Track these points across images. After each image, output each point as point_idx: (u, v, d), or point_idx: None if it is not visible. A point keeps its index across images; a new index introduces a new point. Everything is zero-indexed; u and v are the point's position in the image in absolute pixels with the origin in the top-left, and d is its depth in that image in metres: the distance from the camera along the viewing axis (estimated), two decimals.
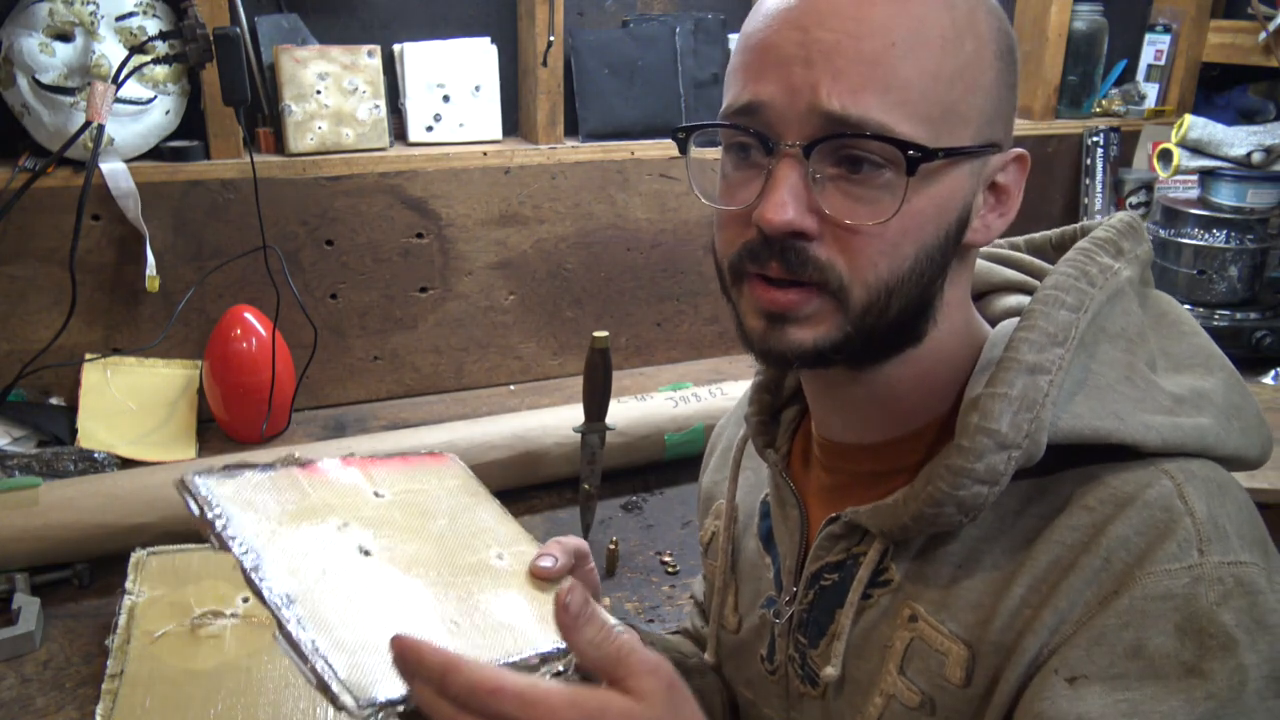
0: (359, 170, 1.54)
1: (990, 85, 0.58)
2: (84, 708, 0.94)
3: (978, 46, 0.57)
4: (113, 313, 1.47)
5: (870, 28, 0.54)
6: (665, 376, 1.76)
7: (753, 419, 0.75)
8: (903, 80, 0.54)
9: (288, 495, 0.60)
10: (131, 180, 1.40)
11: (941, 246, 0.58)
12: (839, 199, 0.56)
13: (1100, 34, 2.05)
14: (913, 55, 0.54)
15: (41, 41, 1.34)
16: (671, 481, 1.42)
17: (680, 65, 1.76)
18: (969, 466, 0.55)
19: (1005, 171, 0.61)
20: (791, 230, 0.55)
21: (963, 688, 0.58)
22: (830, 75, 0.54)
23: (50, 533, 1.11)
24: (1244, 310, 1.73)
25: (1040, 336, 0.57)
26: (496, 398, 1.68)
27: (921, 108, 0.55)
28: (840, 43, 0.54)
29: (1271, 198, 1.71)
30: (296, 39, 1.55)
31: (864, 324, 0.58)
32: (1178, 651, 0.51)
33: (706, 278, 1.83)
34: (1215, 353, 0.65)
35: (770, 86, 0.56)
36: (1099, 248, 0.62)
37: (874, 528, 0.62)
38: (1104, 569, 0.54)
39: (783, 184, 0.55)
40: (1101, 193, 2.05)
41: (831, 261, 0.56)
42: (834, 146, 0.55)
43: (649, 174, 1.73)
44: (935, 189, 0.57)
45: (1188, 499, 0.54)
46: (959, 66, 0.56)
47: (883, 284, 0.57)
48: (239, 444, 1.46)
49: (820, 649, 0.67)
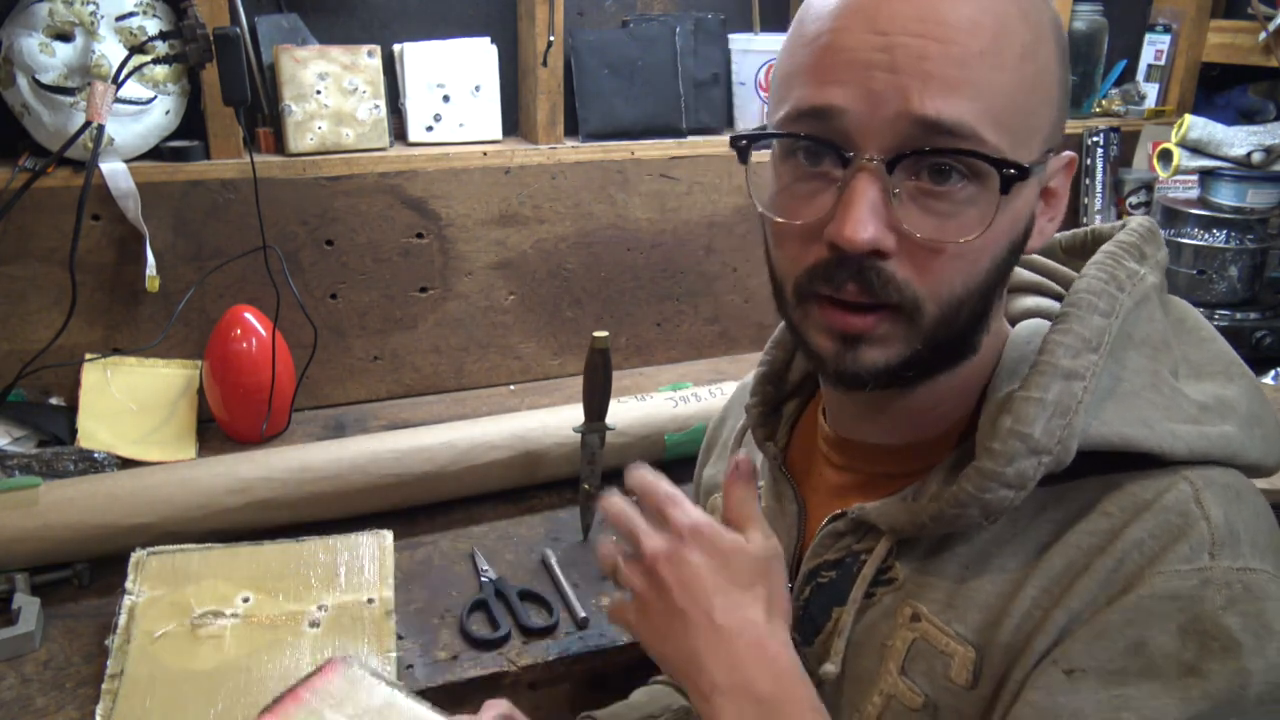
0: (359, 170, 1.54)
1: (1057, 93, 0.57)
2: (84, 708, 0.94)
3: (1049, 54, 0.56)
4: (113, 313, 1.47)
5: (956, 32, 0.51)
6: (665, 376, 1.76)
7: (754, 410, 0.74)
8: (991, 88, 0.52)
9: None
10: (131, 180, 1.40)
11: (1009, 258, 0.58)
12: (919, 215, 0.53)
13: (1100, 34, 2.05)
14: (998, 60, 0.52)
15: (41, 41, 1.34)
16: (672, 481, 1.41)
17: (680, 65, 1.76)
18: (999, 470, 0.55)
19: (1057, 177, 0.61)
20: (878, 246, 0.53)
21: (968, 689, 0.57)
22: (920, 79, 0.51)
23: (50, 533, 1.11)
24: (1244, 310, 1.73)
25: (1075, 341, 0.56)
26: (496, 398, 1.68)
27: (1005, 118, 0.53)
28: (927, 47, 0.51)
29: (1271, 198, 1.71)
30: (296, 39, 1.55)
31: (936, 339, 0.57)
32: (1178, 651, 0.51)
33: (707, 278, 1.83)
34: (1235, 360, 0.65)
35: (847, 91, 0.52)
36: (1125, 252, 0.62)
37: (885, 525, 0.62)
38: (1116, 569, 0.54)
39: (862, 199, 0.52)
40: (1101, 193, 2.05)
41: (908, 280, 0.54)
42: (919, 159, 0.52)
43: (649, 174, 1.73)
44: (1015, 204, 0.55)
45: (1204, 504, 0.54)
46: (1035, 76, 0.54)
47: (957, 299, 0.56)
48: (239, 444, 1.46)
49: (815, 646, 0.67)
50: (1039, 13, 0.56)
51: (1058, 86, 0.57)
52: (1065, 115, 0.59)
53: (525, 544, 1.25)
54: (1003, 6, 0.53)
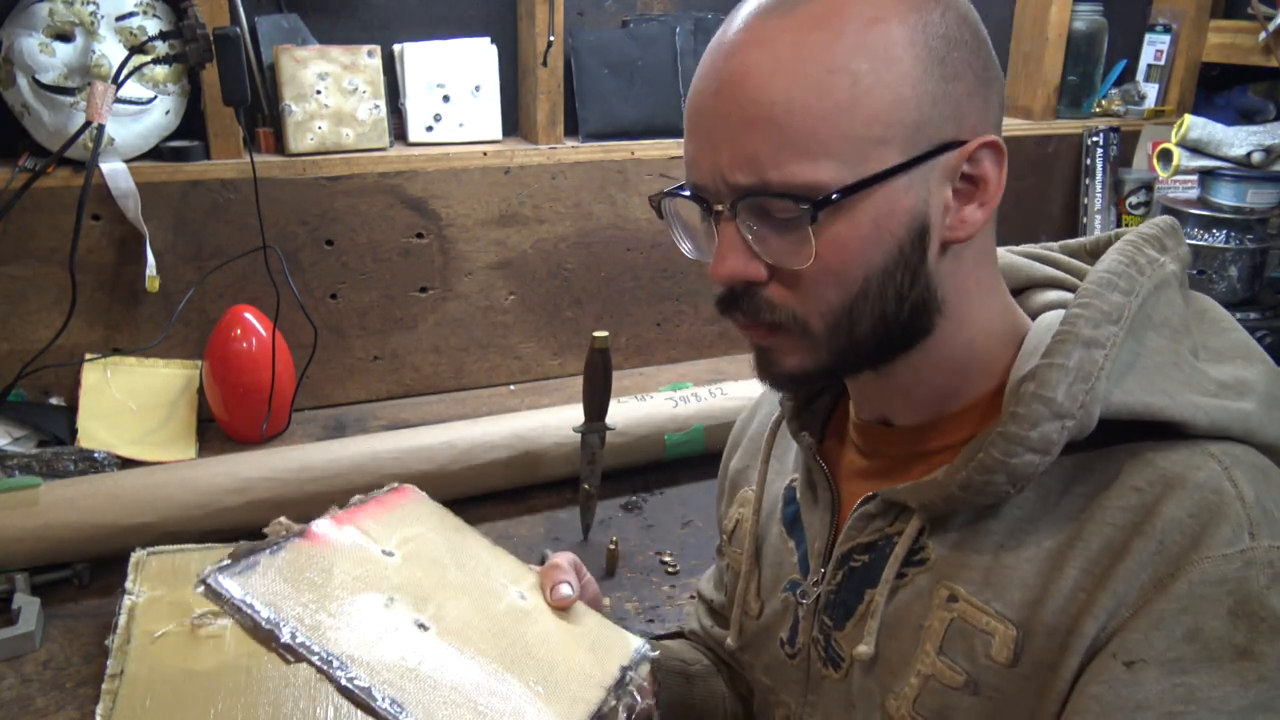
0: (359, 170, 1.54)
1: (913, 94, 0.57)
2: (84, 708, 0.94)
3: (876, 65, 0.56)
4: (113, 313, 1.47)
5: (749, 95, 0.57)
6: (665, 376, 1.76)
7: (787, 404, 0.76)
8: (791, 135, 0.56)
9: (312, 575, 0.62)
10: (131, 180, 1.40)
11: (899, 260, 0.59)
12: (775, 247, 0.59)
13: (1100, 34, 2.05)
14: (795, 108, 0.56)
15: (41, 41, 1.34)
16: (671, 481, 1.42)
17: (680, 65, 1.76)
18: (1023, 434, 0.56)
19: (973, 163, 0.60)
20: (739, 279, 0.60)
21: (1009, 667, 0.58)
22: (728, 151, 0.58)
23: (50, 533, 1.11)
24: (1244, 310, 1.73)
25: (1095, 314, 0.58)
26: (496, 398, 1.68)
27: (819, 149, 0.56)
28: (730, 115, 0.58)
29: (1271, 198, 1.71)
30: (296, 39, 1.55)
31: (835, 346, 0.61)
32: (1230, 634, 0.52)
33: (707, 277, 1.83)
34: (1255, 347, 0.66)
35: (695, 155, 0.61)
36: (1146, 241, 0.64)
37: (914, 502, 0.63)
38: (1159, 552, 0.54)
39: (724, 241, 0.60)
40: (1101, 193, 2.05)
41: (783, 301, 0.60)
42: (749, 205, 0.59)
43: (649, 174, 1.73)
44: (858, 218, 0.58)
45: (1237, 482, 0.55)
46: (861, 93, 0.56)
47: (838, 310, 0.60)
48: (239, 444, 1.46)
49: (847, 630, 0.68)
50: (863, 29, 0.56)
51: (920, 86, 0.57)
52: (966, 103, 0.59)
53: (525, 544, 1.25)
54: (806, 51, 0.56)
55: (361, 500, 0.74)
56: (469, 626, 0.65)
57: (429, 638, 0.62)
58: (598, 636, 0.72)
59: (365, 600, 0.62)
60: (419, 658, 0.60)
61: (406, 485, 0.80)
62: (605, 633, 0.73)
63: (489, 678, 0.61)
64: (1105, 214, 2.05)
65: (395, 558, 0.68)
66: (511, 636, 0.66)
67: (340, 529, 0.68)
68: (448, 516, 0.79)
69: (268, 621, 0.56)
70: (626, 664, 0.70)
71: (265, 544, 0.63)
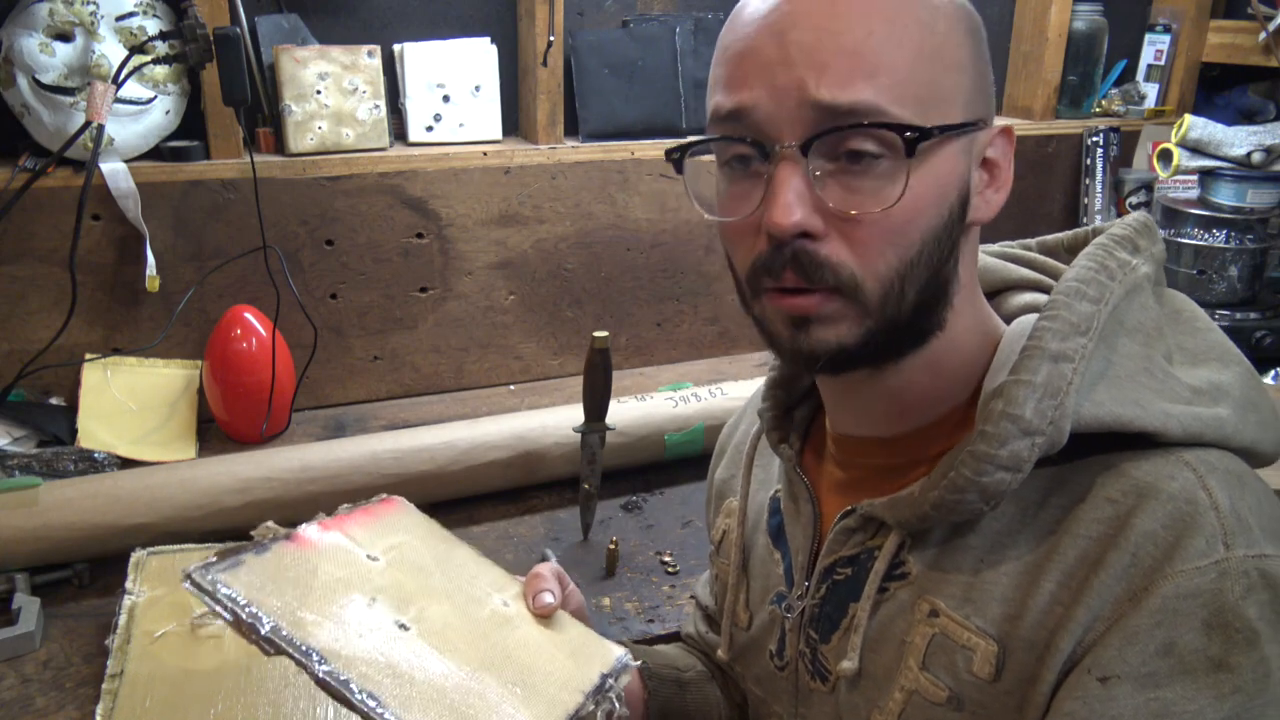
0: (359, 170, 1.54)
1: (967, 62, 0.59)
2: (84, 708, 0.94)
3: (949, 26, 0.58)
4: (113, 313, 1.47)
5: (846, 22, 0.55)
6: (665, 376, 1.76)
7: (767, 414, 0.75)
8: (887, 65, 0.55)
9: (296, 574, 0.63)
10: (131, 180, 1.40)
11: (947, 227, 0.59)
12: (841, 193, 0.56)
13: (1100, 34, 2.05)
14: (892, 40, 0.55)
15: (41, 41, 1.34)
16: (671, 481, 1.42)
17: (680, 65, 1.76)
18: (993, 453, 0.56)
19: (994, 146, 0.62)
20: (800, 231, 0.56)
21: (992, 682, 0.58)
22: (815, 70, 0.55)
23: (50, 533, 1.11)
24: (1244, 310, 1.73)
25: (1063, 326, 0.57)
26: (496, 398, 1.68)
27: (909, 89, 0.56)
28: (820, 40, 0.55)
29: (1271, 198, 1.71)
30: (296, 39, 1.55)
31: (884, 315, 0.58)
32: (1205, 647, 0.52)
33: (707, 278, 1.83)
34: (1230, 348, 0.65)
35: (755, 91, 0.56)
36: (1117, 244, 0.63)
37: (892, 519, 0.62)
38: (1133, 564, 0.54)
39: (785, 186, 0.55)
40: (1101, 193, 2.05)
41: (842, 260, 0.57)
42: (831, 141, 0.55)
43: (649, 174, 1.73)
44: (933, 169, 0.57)
45: (1211, 491, 0.54)
46: (936, 46, 0.57)
47: (894, 273, 0.57)
48: (239, 444, 1.46)
49: (832, 643, 0.67)
50: None
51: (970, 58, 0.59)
52: (987, 87, 0.61)
53: (525, 544, 1.25)
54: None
55: (349, 509, 0.74)
56: (450, 629, 0.65)
57: (409, 637, 0.62)
58: (579, 644, 0.72)
59: (348, 600, 0.63)
60: (398, 655, 0.60)
61: (394, 496, 0.80)
62: (587, 641, 0.73)
63: (466, 677, 0.61)
64: (1105, 214, 2.05)
65: (380, 562, 0.69)
66: (492, 640, 0.67)
67: (325, 534, 0.69)
68: (435, 527, 0.79)
69: (250, 615, 0.57)
70: (607, 671, 0.70)
71: (251, 545, 0.63)
